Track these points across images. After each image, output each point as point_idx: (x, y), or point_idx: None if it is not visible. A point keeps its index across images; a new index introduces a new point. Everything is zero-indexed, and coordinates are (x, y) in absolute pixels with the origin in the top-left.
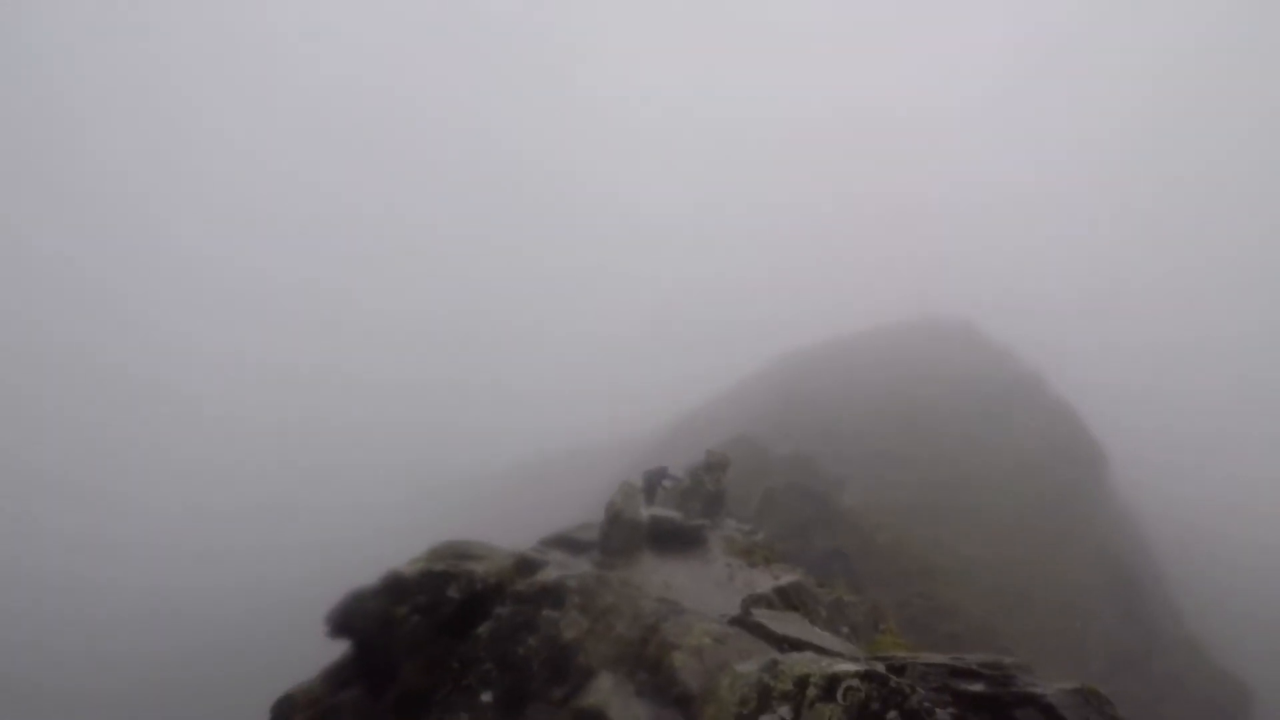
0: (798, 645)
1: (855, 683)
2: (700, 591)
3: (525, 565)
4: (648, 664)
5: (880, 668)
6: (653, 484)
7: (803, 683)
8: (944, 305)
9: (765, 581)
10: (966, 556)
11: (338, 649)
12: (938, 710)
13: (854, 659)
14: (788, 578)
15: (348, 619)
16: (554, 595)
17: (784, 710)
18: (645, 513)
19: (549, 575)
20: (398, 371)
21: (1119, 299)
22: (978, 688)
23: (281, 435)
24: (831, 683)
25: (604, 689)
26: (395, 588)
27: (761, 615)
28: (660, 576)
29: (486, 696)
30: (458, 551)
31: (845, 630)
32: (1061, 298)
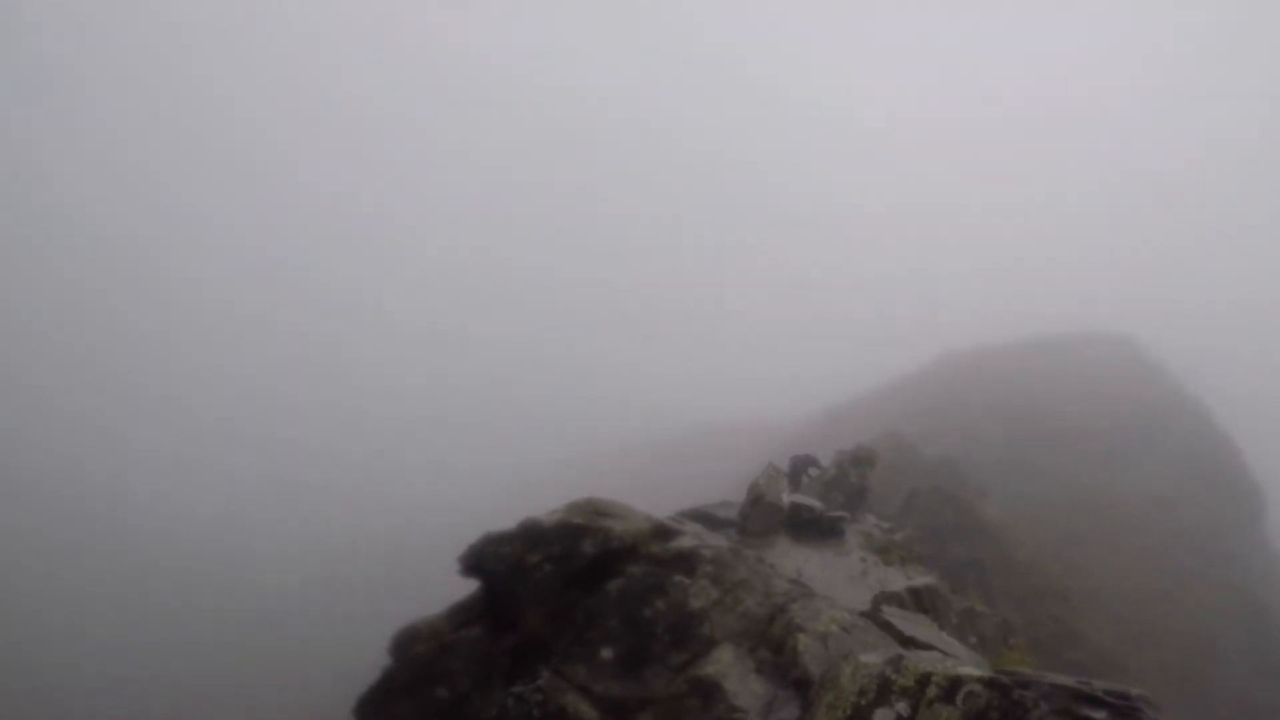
0: (924, 647)
1: (977, 688)
2: (832, 582)
3: (661, 531)
4: (771, 643)
5: (1012, 684)
6: (798, 470)
7: (924, 680)
8: (1106, 318)
9: (899, 581)
10: (1101, 583)
11: (465, 589)
12: None
13: (979, 666)
14: (922, 579)
15: (480, 560)
16: (688, 562)
17: (901, 706)
18: (787, 498)
19: (684, 543)
20: (554, 343)
21: None
22: (1101, 715)
23: (434, 396)
24: (954, 684)
25: (724, 660)
26: (531, 534)
27: (891, 614)
28: (794, 562)
29: (607, 653)
30: (597, 509)
31: (973, 640)
32: (1234, 312)
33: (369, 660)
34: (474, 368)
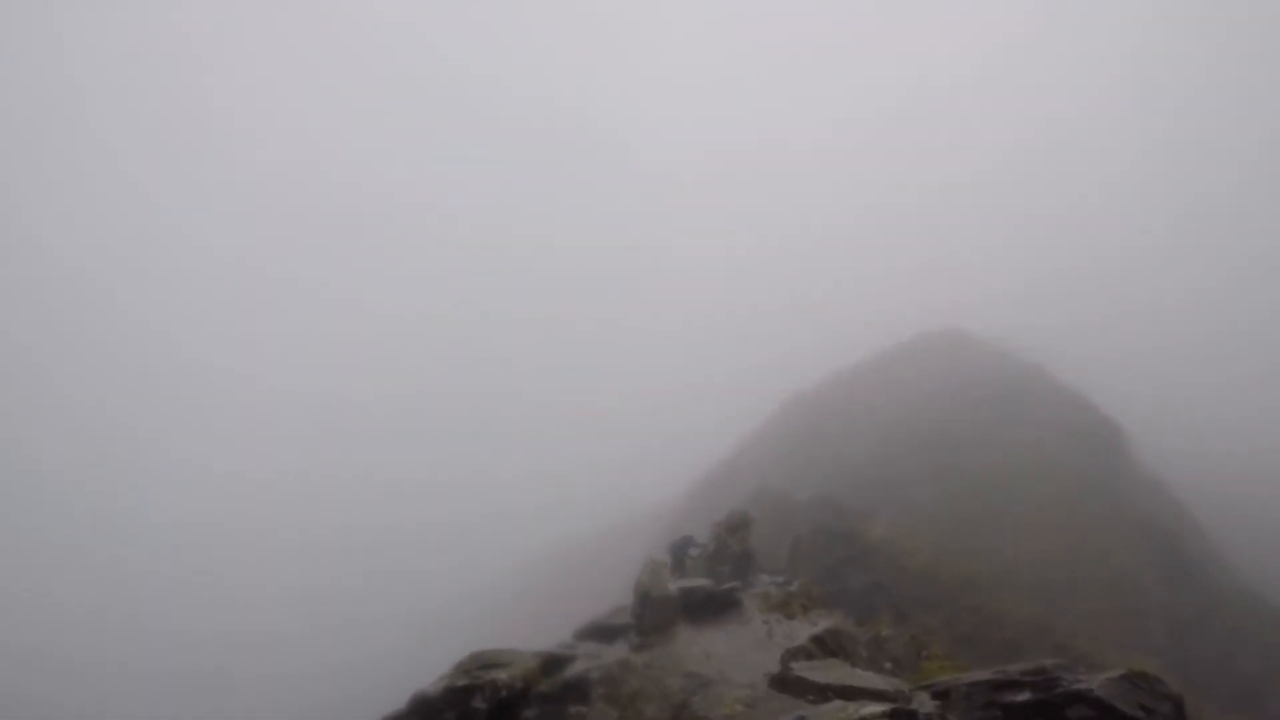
0: (841, 692)
1: None
2: (741, 654)
3: (551, 663)
4: None
5: (920, 697)
6: (679, 555)
7: None
8: (932, 317)
9: (804, 631)
10: (1006, 560)
11: None
12: None
13: (886, 696)
14: (824, 624)
15: None
16: (579, 690)
17: None
18: (674, 586)
19: (574, 670)
20: (414, 471)
21: (1105, 276)
22: (1024, 697)
23: (302, 552)
24: None
25: None
26: (422, 709)
27: (800, 668)
28: (699, 647)
29: None
30: (482, 661)
31: (888, 665)
32: (1048, 285)
33: None
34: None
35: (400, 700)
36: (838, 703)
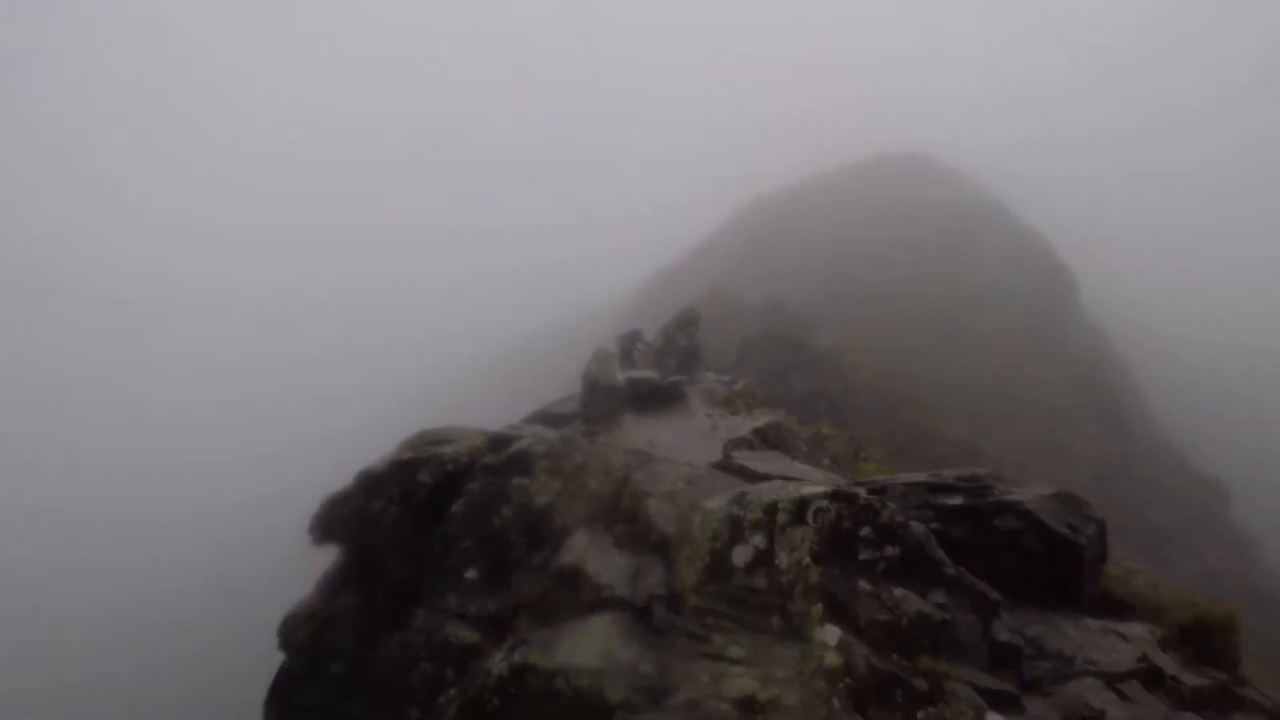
0: (777, 480)
1: (824, 504)
2: (684, 444)
3: (498, 441)
4: (623, 516)
5: (859, 490)
6: (628, 348)
7: (772, 510)
8: (904, 142)
9: (746, 426)
10: (947, 384)
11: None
12: (914, 524)
13: (823, 483)
14: (766, 419)
15: (328, 525)
16: (523, 462)
17: (757, 539)
18: (622, 376)
19: (518, 446)
20: (362, 279)
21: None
22: (957, 501)
23: (247, 370)
24: (800, 506)
25: (580, 545)
26: (367, 484)
27: (742, 457)
28: (644, 435)
29: (471, 574)
30: (429, 439)
31: (826, 462)
32: (1024, 130)
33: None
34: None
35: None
36: (778, 481)
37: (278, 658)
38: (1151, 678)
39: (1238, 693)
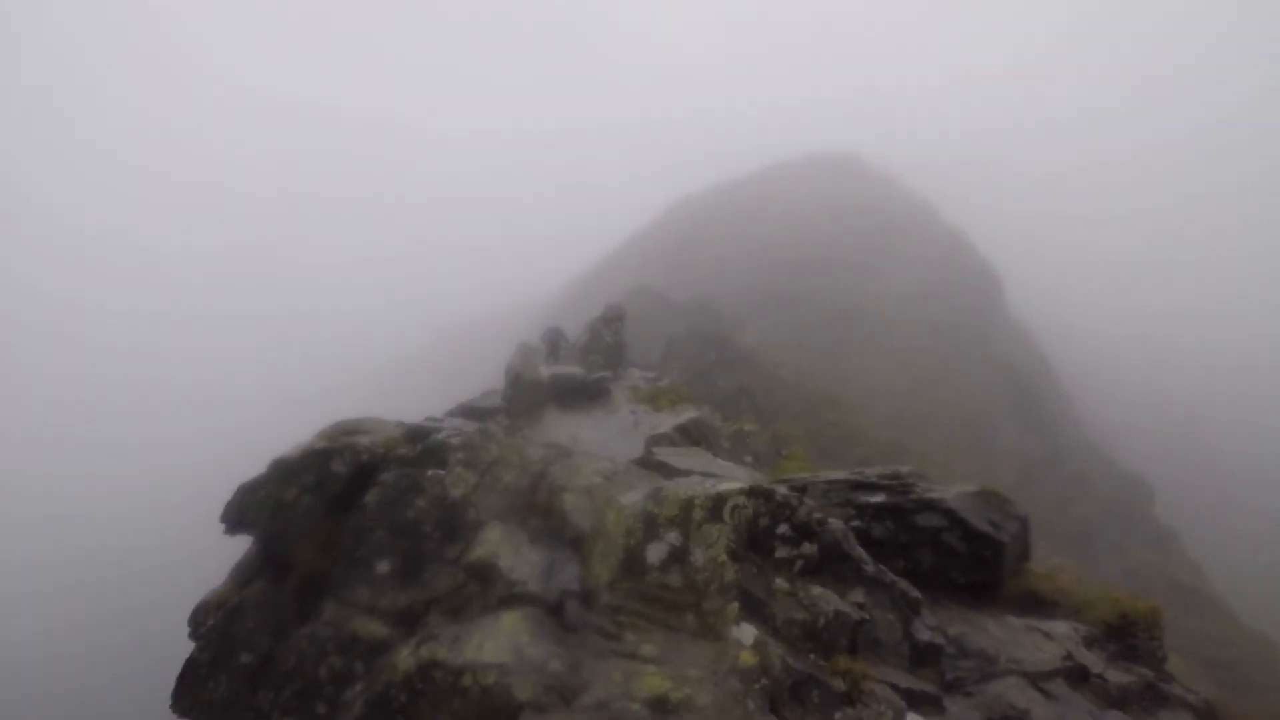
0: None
1: (741, 500)
2: (606, 440)
3: (415, 433)
4: (539, 510)
5: (777, 487)
6: (553, 343)
7: (688, 506)
8: (829, 142)
9: (669, 422)
10: (871, 384)
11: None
12: (832, 521)
13: (741, 479)
14: (688, 415)
15: (241, 512)
16: (438, 455)
17: (672, 536)
18: (546, 371)
19: (435, 439)
20: (281, 259)
21: (1011, 136)
22: (879, 499)
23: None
24: (717, 502)
25: (494, 539)
26: (281, 471)
27: (664, 453)
28: (566, 430)
29: (383, 566)
30: (345, 429)
31: (748, 459)
32: (955, 134)
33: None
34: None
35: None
36: (696, 477)
37: (188, 649)
38: (1076, 676)
39: (1163, 689)
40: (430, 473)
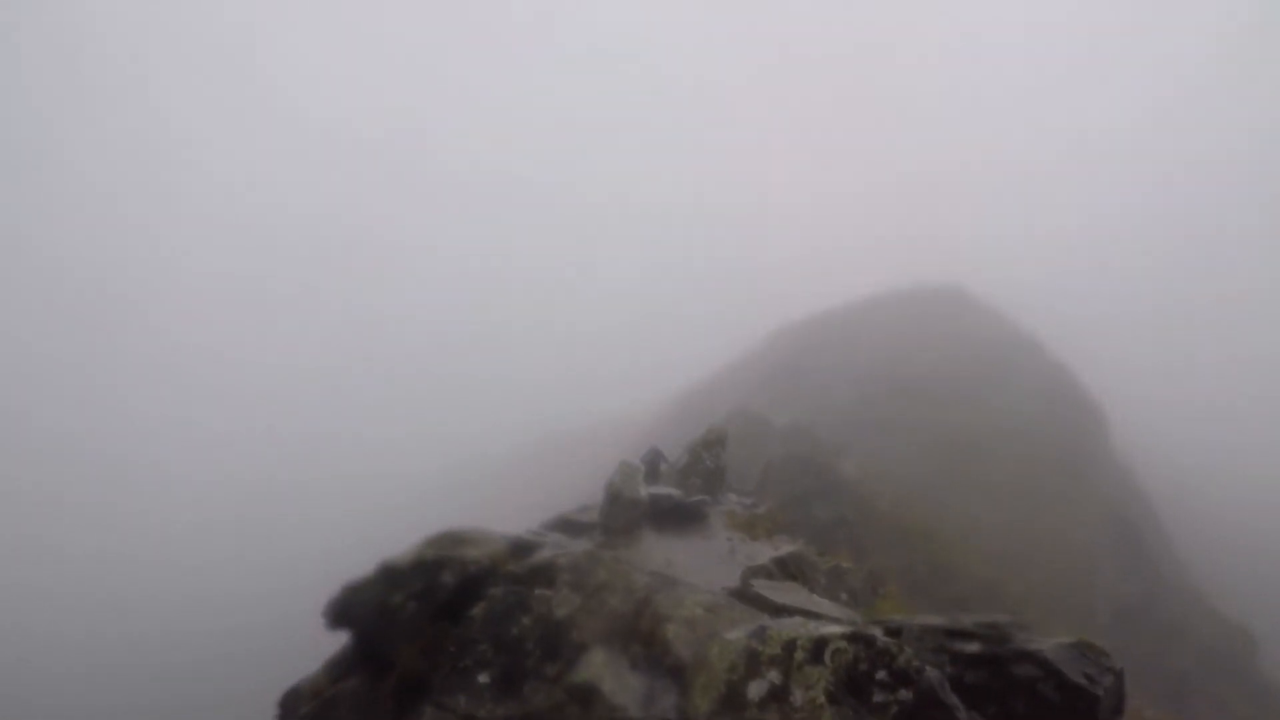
0: (795, 613)
1: (843, 644)
2: (702, 566)
3: (520, 548)
4: (641, 637)
5: (874, 630)
6: (653, 463)
7: (790, 646)
8: (935, 273)
9: (766, 553)
10: (969, 520)
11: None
12: (929, 669)
13: (843, 622)
14: (787, 548)
15: (344, 610)
16: (546, 574)
17: (773, 674)
18: (645, 491)
19: (542, 556)
20: (395, 375)
21: (1119, 271)
22: (974, 648)
23: (278, 445)
24: (819, 645)
25: (596, 662)
26: (390, 576)
27: (761, 586)
28: (661, 554)
29: (483, 677)
30: (452, 539)
31: (844, 596)
32: (1060, 267)
33: None
34: (306, 410)
35: (368, 566)
36: (798, 618)
37: None
38: None
39: None
40: (537, 592)
